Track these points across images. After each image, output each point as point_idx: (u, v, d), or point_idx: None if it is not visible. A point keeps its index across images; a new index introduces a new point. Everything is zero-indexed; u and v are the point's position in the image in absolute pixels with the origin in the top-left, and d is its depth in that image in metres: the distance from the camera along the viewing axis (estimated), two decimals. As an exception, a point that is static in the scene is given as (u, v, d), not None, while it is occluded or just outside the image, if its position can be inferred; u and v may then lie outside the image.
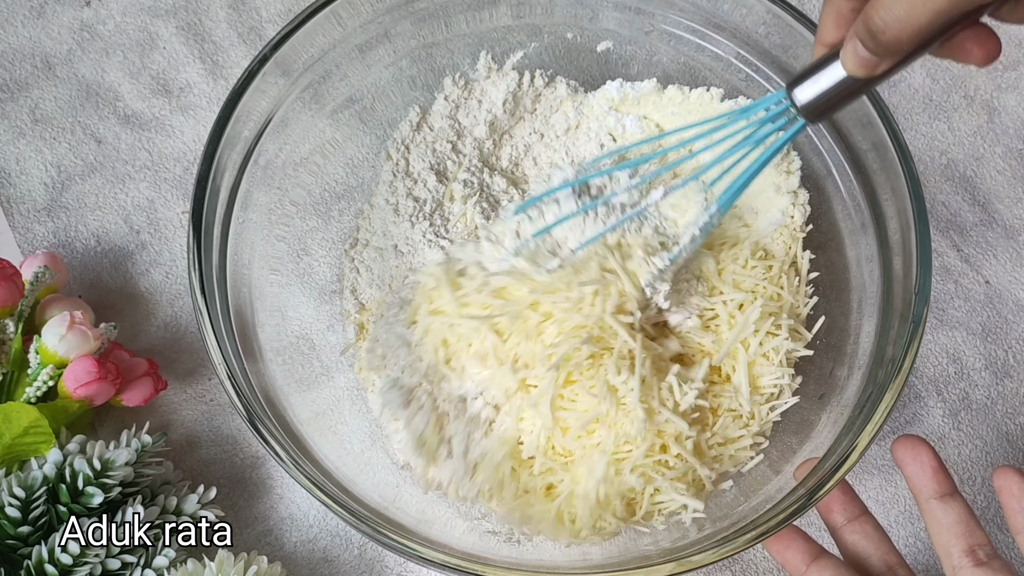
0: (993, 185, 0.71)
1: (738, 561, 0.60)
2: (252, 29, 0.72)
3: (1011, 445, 0.64)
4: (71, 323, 0.55)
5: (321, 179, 0.61)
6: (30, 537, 0.51)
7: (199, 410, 0.62)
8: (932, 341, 0.66)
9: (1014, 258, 0.69)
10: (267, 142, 0.55)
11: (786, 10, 0.55)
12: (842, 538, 0.49)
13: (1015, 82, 0.74)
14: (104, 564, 0.52)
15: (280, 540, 0.59)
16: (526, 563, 0.49)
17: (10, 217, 0.65)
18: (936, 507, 0.46)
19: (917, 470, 0.46)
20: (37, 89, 0.69)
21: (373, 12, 0.57)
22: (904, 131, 0.65)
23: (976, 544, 0.44)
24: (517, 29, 0.62)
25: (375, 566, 0.59)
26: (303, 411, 0.53)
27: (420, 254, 0.61)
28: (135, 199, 0.67)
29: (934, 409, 0.65)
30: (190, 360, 0.63)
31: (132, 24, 0.71)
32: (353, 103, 0.60)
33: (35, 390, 0.55)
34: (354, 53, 0.58)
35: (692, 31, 0.60)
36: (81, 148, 0.67)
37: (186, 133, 0.68)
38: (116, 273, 0.65)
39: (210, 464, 0.61)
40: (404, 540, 0.46)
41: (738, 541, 0.46)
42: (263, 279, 0.56)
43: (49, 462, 0.53)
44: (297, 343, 0.58)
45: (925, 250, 0.50)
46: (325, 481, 0.47)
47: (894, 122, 0.52)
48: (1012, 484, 0.45)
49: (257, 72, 0.52)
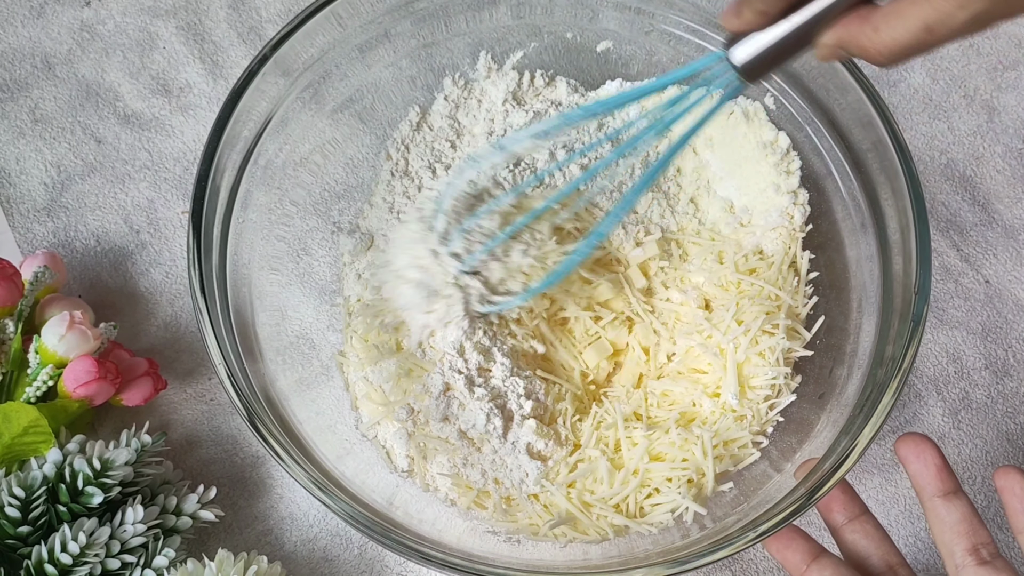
0: (993, 185, 0.71)
1: (738, 561, 0.60)
2: (252, 29, 0.72)
3: (1011, 444, 0.64)
4: (71, 323, 0.55)
5: (321, 179, 0.61)
6: (30, 537, 0.51)
7: (199, 410, 0.62)
8: (932, 341, 0.66)
9: (1014, 258, 0.69)
10: (267, 142, 0.55)
11: (786, 10, 0.55)
12: (842, 537, 0.49)
13: (1015, 82, 0.74)
14: (104, 564, 0.51)
15: (280, 540, 0.59)
16: (526, 563, 0.49)
17: (10, 217, 0.65)
18: (939, 505, 0.45)
19: (920, 468, 0.46)
20: (37, 89, 0.69)
21: (373, 12, 0.57)
22: (904, 131, 0.65)
23: (979, 543, 0.44)
24: (517, 29, 0.62)
25: (375, 566, 0.59)
26: (303, 411, 0.53)
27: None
28: (135, 199, 0.67)
29: (934, 409, 0.65)
30: (190, 360, 0.63)
31: (132, 24, 0.71)
32: (353, 103, 0.60)
33: (35, 390, 0.55)
34: (354, 53, 0.58)
35: (692, 31, 0.60)
36: (81, 148, 0.67)
37: (186, 133, 0.68)
38: (116, 273, 0.65)
39: (210, 464, 0.61)
40: (404, 540, 0.46)
41: (738, 541, 0.46)
42: (263, 279, 0.56)
43: (49, 462, 0.53)
44: (297, 343, 0.58)
45: (925, 250, 0.50)
46: (325, 481, 0.47)
47: (894, 122, 0.52)
48: (1014, 484, 0.45)
49: (257, 72, 0.52)
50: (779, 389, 0.56)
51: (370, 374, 0.57)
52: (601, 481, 0.54)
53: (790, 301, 0.57)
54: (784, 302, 0.57)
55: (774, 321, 0.56)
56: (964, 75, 0.74)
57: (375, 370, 0.57)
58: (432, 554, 0.46)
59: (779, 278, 0.58)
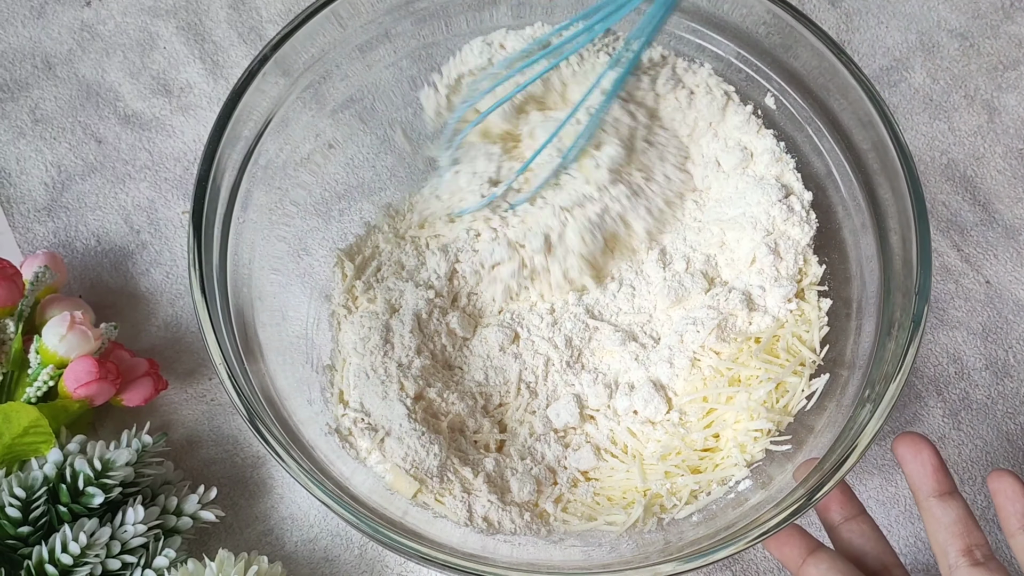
0: (993, 185, 0.71)
1: (738, 561, 0.60)
2: (252, 29, 0.72)
3: (1011, 445, 0.64)
4: (71, 323, 0.55)
5: (321, 179, 0.61)
6: (30, 537, 0.51)
7: (199, 410, 0.62)
8: (932, 341, 0.66)
9: (1014, 258, 0.69)
10: (267, 142, 0.55)
11: (786, 10, 0.55)
12: (839, 536, 0.49)
13: (1015, 82, 0.74)
14: (104, 564, 0.52)
15: (280, 540, 0.59)
16: (526, 563, 0.49)
17: (10, 217, 0.65)
18: (935, 505, 0.46)
19: (917, 468, 0.46)
20: (37, 89, 0.69)
21: (373, 12, 0.57)
22: (904, 131, 0.65)
23: (974, 544, 0.44)
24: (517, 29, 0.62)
25: (375, 566, 0.59)
26: (303, 411, 0.53)
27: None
28: (135, 199, 0.67)
29: (934, 409, 0.65)
30: (190, 360, 0.63)
31: (132, 24, 0.71)
32: (353, 103, 0.60)
33: (35, 390, 0.55)
34: (354, 53, 0.58)
35: (692, 31, 0.60)
36: (81, 148, 0.67)
37: (186, 133, 0.68)
38: (116, 273, 0.65)
39: (210, 464, 0.61)
40: (404, 540, 0.46)
41: (738, 541, 0.46)
42: (263, 279, 0.56)
43: (49, 462, 0.53)
44: (297, 343, 0.58)
45: (925, 250, 0.50)
46: (325, 481, 0.47)
47: (894, 122, 0.52)
48: (1007, 487, 0.45)
49: (257, 72, 0.52)
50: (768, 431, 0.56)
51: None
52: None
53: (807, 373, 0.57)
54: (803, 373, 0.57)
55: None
56: (964, 75, 0.74)
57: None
58: (432, 555, 0.46)
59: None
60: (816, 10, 0.75)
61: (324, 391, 0.57)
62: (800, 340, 0.57)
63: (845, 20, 0.75)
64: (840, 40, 0.74)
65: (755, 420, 0.54)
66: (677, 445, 0.55)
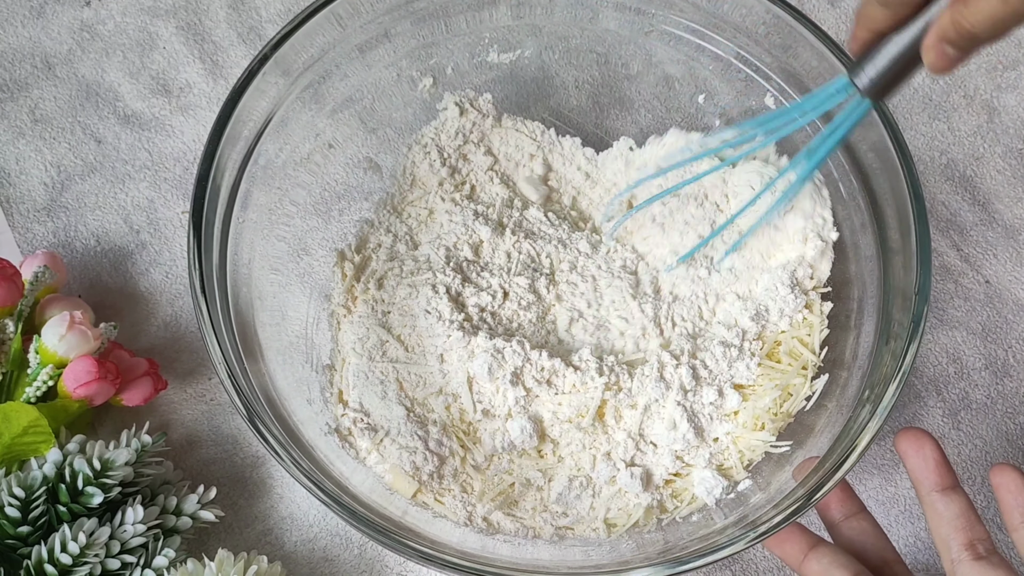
0: (993, 185, 0.71)
1: (738, 561, 0.60)
2: (252, 29, 0.72)
3: (1011, 445, 0.64)
4: (71, 323, 0.55)
5: (321, 179, 0.61)
6: (30, 537, 0.51)
7: (199, 410, 0.62)
8: (932, 341, 0.66)
9: (1014, 258, 0.69)
10: (267, 142, 0.55)
11: (786, 10, 0.55)
12: (839, 534, 0.49)
13: (1015, 82, 0.74)
14: (104, 564, 0.51)
15: (280, 540, 0.59)
16: (526, 563, 0.49)
17: (10, 217, 0.65)
18: (937, 500, 0.46)
19: (919, 462, 0.46)
20: (37, 89, 0.69)
21: (373, 12, 0.57)
22: (904, 131, 0.65)
23: (976, 538, 0.44)
24: (517, 29, 0.62)
25: (375, 566, 0.59)
26: (303, 411, 0.53)
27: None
28: (135, 199, 0.67)
29: (934, 409, 0.65)
30: (190, 360, 0.63)
31: (132, 24, 0.71)
32: (353, 103, 0.60)
33: (35, 390, 0.55)
34: (354, 53, 0.58)
35: (692, 31, 0.60)
36: (81, 148, 0.67)
37: (186, 133, 0.68)
38: (116, 273, 0.65)
39: (210, 464, 0.61)
40: (404, 540, 0.46)
41: (738, 542, 0.46)
42: (263, 279, 0.56)
43: (49, 462, 0.53)
44: (297, 343, 0.58)
45: (925, 250, 0.50)
46: (324, 481, 0.47)
47: (894, 122, 0.52)
48: (1009, 481, 0.45)
49: (257, 72, 0.52)
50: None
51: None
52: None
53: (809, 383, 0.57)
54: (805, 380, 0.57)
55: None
56: (964, 75, 0.74)
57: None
58: (432, 554, 0.46)
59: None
60: (816, 10, 0.75)
61: (324, 391, 0.57)
62: (802, 343, 0.57)
63: (845, 20, 0.75)
64: (840, 40, 0.74)
65: (762, 431, 0.54)
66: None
